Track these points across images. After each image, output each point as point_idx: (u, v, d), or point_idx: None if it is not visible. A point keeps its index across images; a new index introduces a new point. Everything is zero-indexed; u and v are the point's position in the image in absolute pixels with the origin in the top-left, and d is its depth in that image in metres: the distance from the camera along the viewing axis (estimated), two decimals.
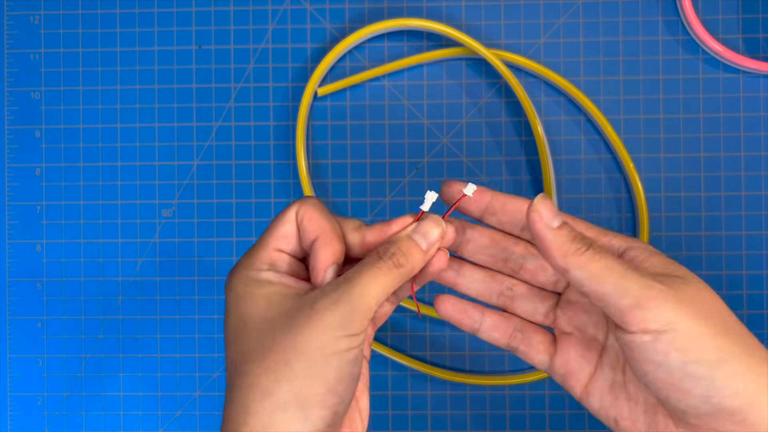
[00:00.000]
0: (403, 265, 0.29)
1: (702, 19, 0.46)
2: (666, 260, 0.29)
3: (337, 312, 0.27)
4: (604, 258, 0.27)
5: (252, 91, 0.48)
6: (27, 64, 0.49)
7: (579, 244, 0.27)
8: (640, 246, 0.30)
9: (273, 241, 0.30)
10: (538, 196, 0.29)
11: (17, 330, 0.49)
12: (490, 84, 0.48)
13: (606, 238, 0.30)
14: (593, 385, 0.31)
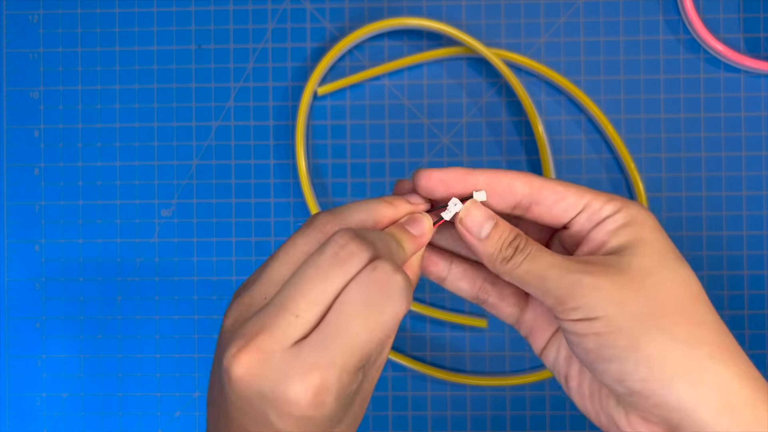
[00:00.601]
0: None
1: (703, 19, 0.46)
2: (632, 232, 0.28)
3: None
4: (525, 260, 0.28)
5: (251, 91, 0.48)
6: (26, 63, 0.49)
7: (505, 253, 0.28)
8: (616, 210, 0.29)
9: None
10: (464, 207, 0.29)
11: (16, 330, 0.49)
12: (490, 83, 0.47)
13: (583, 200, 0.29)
14: (552, 342, 0.32)
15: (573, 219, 0.29)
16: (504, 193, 0.29)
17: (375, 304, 0.25)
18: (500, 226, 0.29)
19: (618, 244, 0.28)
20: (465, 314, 0.47)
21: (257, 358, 0.24)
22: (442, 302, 0.48)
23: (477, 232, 0.29)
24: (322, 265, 0.25)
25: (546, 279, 0.27)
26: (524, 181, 0.29)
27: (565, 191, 0.29)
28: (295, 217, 0.48)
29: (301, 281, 0.25)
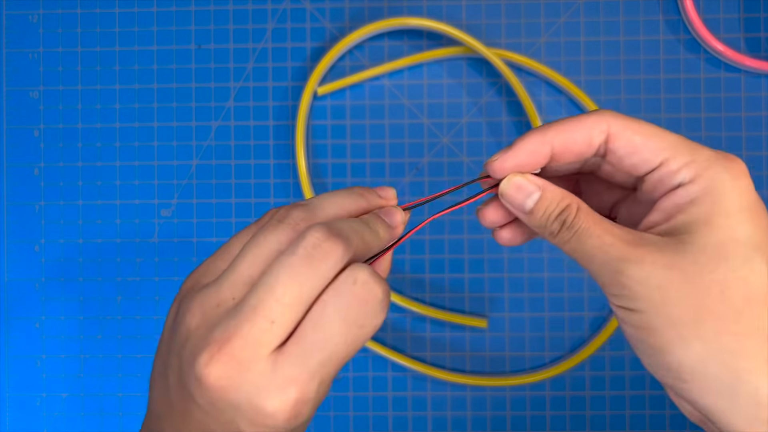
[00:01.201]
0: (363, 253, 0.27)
1: (703, 19, 0.46)
2: (701, 212, 0.25)
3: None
4: (573, 238, 0.26)
5: (251, 91, 0.48)
6: (25, 63, 0.49)
7: (551, 227, 0.26)
8: (688, 165, 0.25)
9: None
10: (506, 179, 0.27)
11: (16, 330, 0.49)
12: (490, 83, 0.47)
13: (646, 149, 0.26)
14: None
15: (646, 176, 0.26)
16: (582, 147, 0.27)
17: (355, 319, 0.24)
18: (546, 198, 0.27)
19: (682, 224, 0.25)
20: (465, 314, 0.47)
21: (232, 367, 0.23)
22: (442, 302, 0.48)
23: (521, 204, 0.27)
24: (295, 266, 0.24)
25: (592, 261, 0.25)
26: (601, 128, 0.26)
27: (641, 144, 0.26)
28: None
29: (275, 284, 0.24)
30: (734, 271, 0.24)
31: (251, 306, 0.24)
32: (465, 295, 0.47)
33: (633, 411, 0.46)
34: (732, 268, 0.24)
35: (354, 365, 0.47)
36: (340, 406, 0.47)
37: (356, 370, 0.47)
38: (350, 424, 0.47)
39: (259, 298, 0.24)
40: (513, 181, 0.27)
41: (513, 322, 0.47)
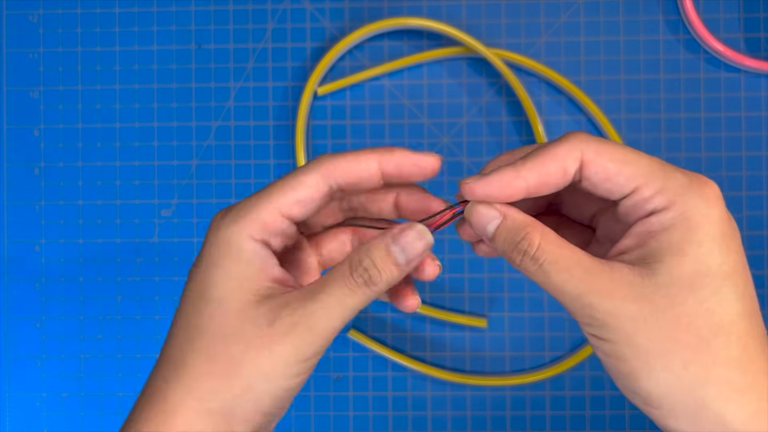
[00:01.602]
0: (375, 284, 0.26)
1: (703, 19, 0.46)
2: (674, 241, 0.25)
3: (294, 339, 0.25)
4: (539, 270, 0.26)
5: (251, 91, 0.48)
6: (25, 63, 0.49)
7: (513, 255, 0.26)
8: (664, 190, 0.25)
9: (281, 203, 0.27)
10: (467, 207, 0.27)
11: (16, 330, 0.49)
12: (490, 83, 0.47)
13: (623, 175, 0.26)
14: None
15: (620, 201, 0.26)
16: (557, 180, 0.26)
17: None
18: (506, 226, 0.26)
19: (654, 252, 0.25)
20: (465, 314, 0.47)
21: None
22: (442, 302, 0.48)
23: (482, 229, 0.27)
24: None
25: (562, 293, 0.25)
26: (575, 156, 0.26)
27: (615, 171, 0.25)
28: None
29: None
30: (703, 303, 0.24)
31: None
32: (465, 295, 0.47)
33: (633, 411, 0.46)
34: (701, 300, 0.24)
35: (354, 365, 0.47)
36: (340, 405, 0.47)
37: (356, 370, 0.47)
38: (350, 423, 0.47)
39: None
40: (475, 207, 0.27)
41: (513, 322, 0.47)
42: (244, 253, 0.27)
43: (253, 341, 0.26)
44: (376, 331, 0.48)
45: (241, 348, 0.26)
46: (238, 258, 0.27)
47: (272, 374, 0.26)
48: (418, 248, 0.27)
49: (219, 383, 0.26)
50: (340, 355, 0.48)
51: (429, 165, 0.28)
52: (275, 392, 0.26)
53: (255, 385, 0.26)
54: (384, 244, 0.27)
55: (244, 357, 0.26)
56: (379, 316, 0.48)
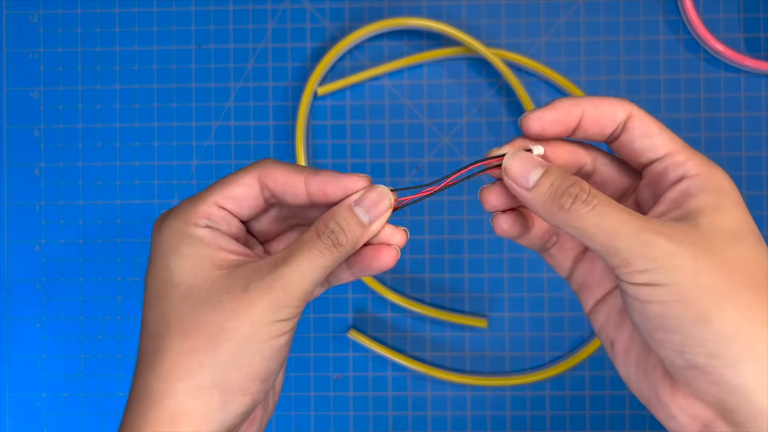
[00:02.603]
0: (342, 245, 0.27)
1: (703, 19, 0.46)
2: (713, 200, 0.26)
3: (271, 298, 0.26)
4: (592, 212, 0.25)
5: (251, 91, 0.48)
6: (25, 63, 0.49)
7: (563, 200, 0.26)
8: (686, 159, 0.27)
9: (218, 198, 0.28)
10: (507, 154, 0.27)
11: (16, 330, 0.49)
12: (490, 83, 0.47)
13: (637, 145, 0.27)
14: (604, 303, 0.30)
15: (652, 163, 0.27)
16: (607, 121, 0.27)
17: None
18: (552, 173, 0.26)
19: (694, 209, 0.26)
20: (465, 314, 0.47)
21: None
22: (442, 302, 0.48)
23: (524, 180, 0.27)
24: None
25: (617, 236, 0.25)
26: (625, 108, 0.27)
27: (657, 130, 0.27)
28: None
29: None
30: (749, 252, 0.25)
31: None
32: (465, 295, 0.47)
33: (633, 411, 0.46)
34: (746, 249, 0.25)
35: (354, 365, 0.47)
36: (340, 405, 0.47)
37: (356, 370, 0.47)
38: (350, 423, 0.47)
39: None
40: (517, 155, 0.27)
41: (513, 322, 0.47)
42: (194, 236, 0.27)
43: (230, 308, 0.26)
44: (376, 331, 0.48)
45: (219, 317, 0.26)
46: (189, 242, 0.27)
47: (257, 334, 0.26)
48: (381, 208, 0.28)
49: (204, 356, 0.26)
50: (340, 355, 0.48)
51: (354, 186, 0.28)
52: (264, 352, 0.26)
53: (242, 349, 0.26)
54: (347, 206, 0.28)
55: (224, 324, 0.26)
56: (379, 316, 0.48)
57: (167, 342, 0.26)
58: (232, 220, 0.28)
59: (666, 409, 0.26)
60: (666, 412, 0.26)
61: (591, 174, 0.30)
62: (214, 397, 0.26)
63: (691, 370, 0.24)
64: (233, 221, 0.29)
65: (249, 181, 0.28)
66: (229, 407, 0.26)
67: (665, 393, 0.26)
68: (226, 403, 0.26)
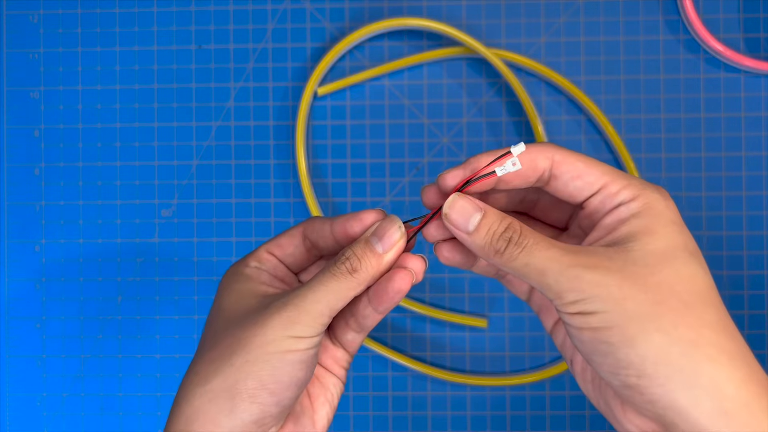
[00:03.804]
0: (357, 270, 0.28)
1: (703, 19, 0.46)
2: (643, 223, 0.27)
3: (284, 313, 0.28)
4: (522, 254, 0.27)
5: (251, 91, 0.48)
6: (26, 63, 0.49)
7: (498, 245, 0.27)
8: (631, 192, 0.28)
9: (268, 246, 0.32)
10: (447, 201, 0.28)
11: (16, 330, 0.49)
12: (490, 83, 0.47)
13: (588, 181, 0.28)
14: (561, 325, 0.32)
15: (588, 199, 0.28)
16: (527, 171, 0.28)
17: None
18: (489, 217, 0.28)
19: (625, 234, 0.27)
20: (465, 314, 0.47)
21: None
22: (442, 302, 0.48)
23: (464, 225, 0.28)
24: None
25: (546, 274, 0.26)
26: (546, 155, 0.28)
27: (584, 168, 0.28)
28: (295, 217, 0.48)
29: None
30: (679, 272, 0.26)
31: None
32: (465, 295, 0.47)
33: None
34: (676, 270, 0.26)
35: (354, 365, 0.48)
36: (341, 405, 0.47)
37: (356, 370, 0.47)
38: (350, 423, 0.47)
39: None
40: (456, 203, 0.28)
41: (513, 321, 0.47)
42: (243, 274, 0.31)
43: (249, 324, 0.28)
44: (376, 331, 0.48)
45: (240, 331, 0.28)
46: (239, 279, 0.31)
47: (268, 345, 0.27)
48: (394, 237, 0.29)
49: (220, 363, 0.28)
50: None
51: (370, 219, 0.30)
52: (273, 362, 0.27)
53: (253, 358, 0.27)
54: (364, 237, 0.30)
55: (241, 335, 0.28)
56: None
57: (200, 354, 0.29)
58: (278, 265, 0.32)
59: (620, 423, 0.27)
60: (620, 426, 0.28)
61: (536, 202, 0.32)
62: (225, 401, 0.27)
63: (627, 390, 0.26)
64: (280, 266, 0.32)
65: (294, 233, 0.32)
66: (237, 414, 0.27)
67: (617, 409, 0.27)
68: (235, 410, 0.27)
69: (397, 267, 0.30)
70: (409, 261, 0.30)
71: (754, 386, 0.25)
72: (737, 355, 0.25)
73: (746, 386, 0.25)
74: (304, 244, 0.32)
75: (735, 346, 0.26)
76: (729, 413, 0.24)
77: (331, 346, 0.33)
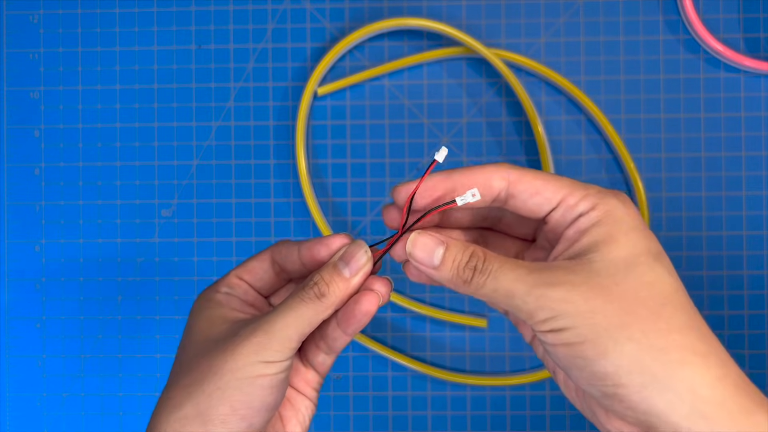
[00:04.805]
0: (325, 294, 0.29)
1: (703, 19, 0.46)
2: (603, 232, 0.27)
3: (254, 339, 0.28)
4: (489, 280, 0.27)
5: (251, 91, 0.48)
6: (26, 63, 0.49)
7: (465, 275, 0.28)
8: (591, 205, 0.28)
9: (238, 271, 0.32)
10: (409, 239, 0.29)
11: (16, 330, 0.49)
12: (490, 83, 0.47)
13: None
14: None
15: (549, 214, 0.29)
16: (483, 190, 0.29)
17: None
18: (452, 249, 0.28)
19: (587, 245, 0.27)
20: (465, 314, 0.47)
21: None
22: (442, 302, 0.48)
23: (429, 261, 0.28)
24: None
25: (513, 296, 0.27)
26: (501, 175, 0.29)
27: (541, 185, 0.28)
28: (295, 217, 0.48)
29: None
30: (642, 278, 0.26)
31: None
32: (465, 295, 0.47)
33: None
34: (640, 276, 0.26)
35: (354, 365, 0.48)
36: (340, 405, 0.47)
37: (356, 370, 0.48)
38: (350, 423, 0.47)
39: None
40: (418, 240, 0.29)
41: None
42: (214, 300, 0.32)
43: (220, 350, 0.29)
44: (376, 331, 0.48)
45: (210, 357, 0.29)
46: (209, 305, 0.31)
47: (239, 371, 0.28)
48: (360, 261, 0.30)
49: (193, 390, 0.28)
50: (341, 354, 0.48)
51: (336, 244, 0.31)
52: (244, 389, 0.28)
53: (224, 384, 0.28)
54: (331, 262, 0.30)
55: (213, 362, 0.28)
56: (379, 316, 0.48)
57: (172, 380, 0.30)
58: (248, 290, 0.32)
59: (606, 429, 0.28)
60: (606, 425, 0.28)
61: (500, 218, 0.32)
62: (198, 426, 0.28)
63: (607, 399, 0.26)
64: (250, 290, 0.32)
65: (263, 257, 0.32)
66: None
67: (601, 416, 0.28)
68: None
69: (364, 290, 0.30)
70: (375, 283, 0.30)
71: (729, 385, 0.25)
72: (709, 355, 0.26)
73: (721, 385, 0.25)
74: (273, 268, 0.32)
75: (706, 347, 0.26)
76: (705, 414, 0.25)
77: (302, 368, 0.33)
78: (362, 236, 0.47)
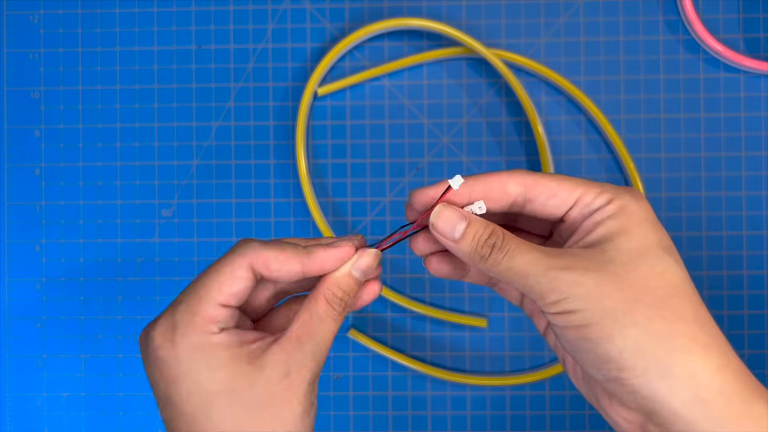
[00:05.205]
0: (350, 306, 0.31)
1: (702, 19, 0.46)
2: (617, 224, 0.28)
3: (307, 376, 0.29)
4: (505, 258, 0.28)
5: (252, 91, 0.48)
6: (26, 63, 0.49)
7: (483, 251, 0.29)
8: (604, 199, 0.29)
9: (219, 298, 0.30)
10: (434, 211, 0.30)
11: (16, 330, 0.49)
12: (490, 84, 0.47)
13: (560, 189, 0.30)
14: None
15: (566, 213, 0.30)
16: (499, 196, 0.30)
17: None
18: (474, 225, 0.29)
19: (601, 235, 0.28)
20: (465, 314, 0.47)
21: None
22: (442, 302, 0.48)
23: (450, 233, 0.29)
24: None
25: (527, 276, 0.28)
26: (517, 181, 0.30)
27: (557, 187, 0.29)
28: (295, 217, 0.48)
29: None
30: (653, 268, 0.27)
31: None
32: (465, 295, 0.47)
33: None
34: (650, 266, 0.27)
35: (354, 365, 0.48)
36: (340, 405, 0.47)
37: (356, 370, 0.48)
38: (350, 423, 0.47)
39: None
40: (442, 212, 0.29)
41: (513, 321, 0.47)
42: (216, 345, 0.29)
43: (280, 398, 0.29)
44: (376, 331, 0.48)
45: (271, 411, 0.29)
46: (215, 353, 0.29)
47: (304, 413, 0.29)
48: (372, 263, 0.31)
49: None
50: (340, 355, 0.48)
51: (348, 257, 0.31)
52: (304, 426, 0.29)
53: (279, 426, 0.28)
54: (348, 273, 0.31)
55: (271, 422, 0.29)
56: (379, 316, 0.48)
57: None
58: (234, 313, 0.30)
59: (608, 415, 0.29)
60: (609, 418, 0.29)
61: (518, 216, 0.33)
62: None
63: (611, 383, 0.27)
64: (235, 313, 0.30)
65: (244, 275, 0.30)
66: None
67: (605, 402, 0.29)
68: None
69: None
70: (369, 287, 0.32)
71: (729, 374, 0.26)
72: (711, 345, 0.27)
73: (721, 374, 0.26)
74: (253, 278, 0.30)
75: (709, 337, 0.27)
76: (705, 401, 0.26)
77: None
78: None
